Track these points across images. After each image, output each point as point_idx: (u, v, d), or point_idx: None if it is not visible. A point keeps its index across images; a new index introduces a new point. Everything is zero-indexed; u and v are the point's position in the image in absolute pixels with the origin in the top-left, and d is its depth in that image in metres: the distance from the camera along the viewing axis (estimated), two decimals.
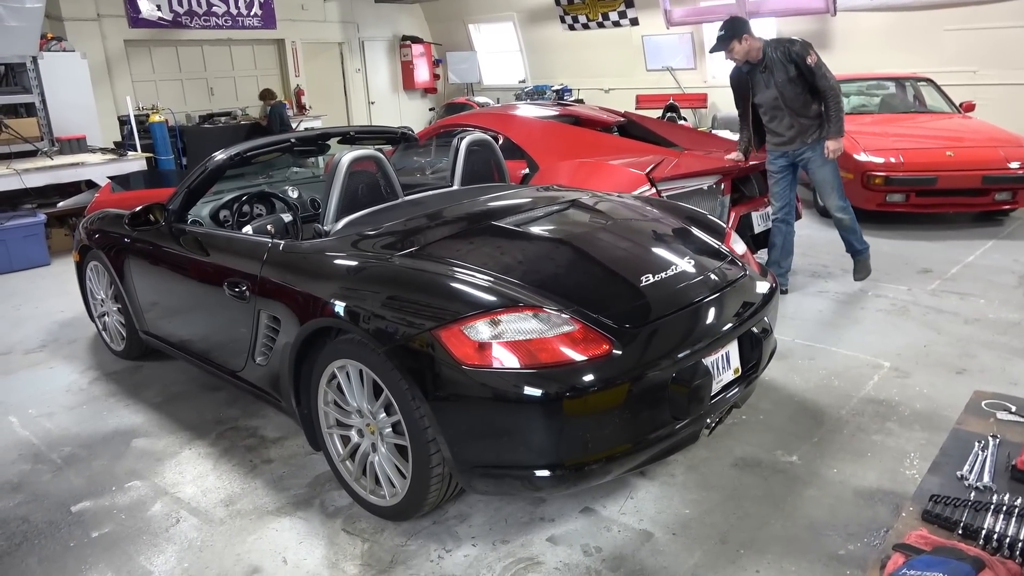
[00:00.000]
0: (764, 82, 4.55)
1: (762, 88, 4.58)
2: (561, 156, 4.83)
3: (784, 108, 4.53)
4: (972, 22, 8.53)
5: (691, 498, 2.65)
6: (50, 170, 6.94)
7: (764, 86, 4.56)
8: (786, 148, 4.65)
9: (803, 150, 4.62)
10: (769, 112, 4.63)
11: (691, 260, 2.70)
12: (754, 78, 4.59)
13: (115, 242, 3.83)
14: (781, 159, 4.70)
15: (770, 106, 4.59)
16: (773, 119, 4.64)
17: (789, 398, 3.38)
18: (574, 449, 2.19)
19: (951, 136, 6.61)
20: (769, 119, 4.66)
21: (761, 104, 4.64)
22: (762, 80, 4.56)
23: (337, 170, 2.95)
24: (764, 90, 4.57)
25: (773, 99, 4.55)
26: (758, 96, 4.61)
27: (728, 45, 4.48)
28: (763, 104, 4.63)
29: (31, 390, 3.87)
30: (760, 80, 4.57)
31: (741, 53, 4.51)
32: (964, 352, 3.82)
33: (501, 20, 13.56)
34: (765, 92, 4.57)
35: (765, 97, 4.59)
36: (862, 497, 2.62)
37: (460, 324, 2.21)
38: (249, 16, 11.57)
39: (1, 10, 6.48)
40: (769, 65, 4.50)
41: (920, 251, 5.71)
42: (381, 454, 2.50)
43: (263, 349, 2.91)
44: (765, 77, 4.53)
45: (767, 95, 4.57)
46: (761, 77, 4.55)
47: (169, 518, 2.68)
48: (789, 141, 4.62)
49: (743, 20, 4.62)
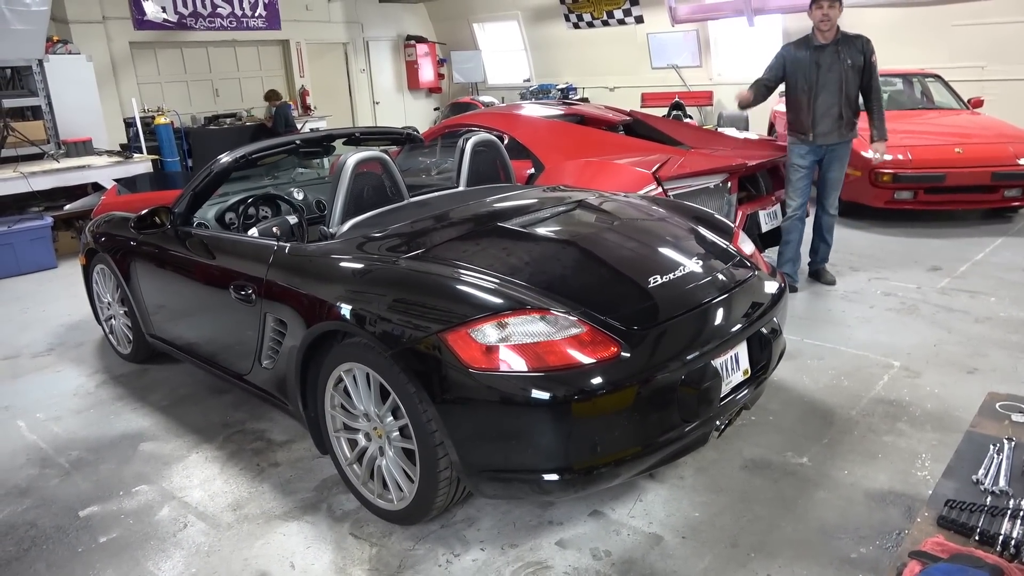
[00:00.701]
0: (829, 64, 4.44)
1: (825, 71, 4.45)
2: (567, 155, 4.81)
3: (841, 97, 4.47)
4: (980, 17, 8.47)
5: (700, 501, 2.63)
6: (56, 173, 6.95)
7: (828, 69, 4.44)
8: (825, 140, 4.57)
9: (838, 144, 4.61)
10: (823, 97, 4.49)
11: (699, 260, 2.68)
12: (818, 58, 4.46)
13: (121, 245, 3.82)
14: (811, 155, 4.64)
15: (829, 91, 4.47)
16: (824, 105, 4.51)
17: (798, 398, 3.35)
18: (583, 452, 2.18)
19: (960, 132, 6.57)
20: (820, 105, 4.52)
21: (820, 87, 4.48)
22: (828, 62, 4.44)
23: (343, 172, 2.94)
24: (826, 73, 4.44)
25: (836, 83, 4.45)
26: (820, 78, 4.46)
27: (834, 3, 4.35)
28: (823, 87, 4.48)
29: (39, 394, 3.88)
30: (826, 62, 4.45)
31: (837, 17, 4.39)
32: (975, 351, 3.78)
33: (505, 19, 13.55)
34: (828, 75, 4.45)
35: (827, 80, 4.46)
36: (874, 499, 2.59)
37: (467, 327, 2.19)
38: (254, 17, 11.58)
39: (7, 13, 6.50)
40: (842, 48, 4.42)
41: (929, 248, 5.66)
42: (388, 458, 2.49)
43: (269, 352, 2.90)
44: (833, 59, 4.43)
45: (829, 78, 4.45)
46: (829, 58, 4.44)
47: (176, 523, 2.67)
48: (830, 132, 4.54)
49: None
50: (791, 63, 4.58)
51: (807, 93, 4.54)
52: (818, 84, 4.49)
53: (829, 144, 4.61)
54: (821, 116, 4.53)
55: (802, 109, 4.60)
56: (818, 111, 4.53)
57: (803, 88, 4.55)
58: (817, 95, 4.51)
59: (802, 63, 4.53)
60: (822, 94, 4.50)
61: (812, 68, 4.49)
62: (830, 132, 4.56)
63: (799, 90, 4.58)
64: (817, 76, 4.48)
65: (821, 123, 4.55)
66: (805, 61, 4.51)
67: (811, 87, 4.51)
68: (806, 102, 4.55)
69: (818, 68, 4.47)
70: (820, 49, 4.47)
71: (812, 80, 4.50)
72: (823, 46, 4.46)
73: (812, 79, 4.50)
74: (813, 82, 4.50)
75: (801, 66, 4.53)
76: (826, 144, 4.61)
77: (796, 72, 4.57)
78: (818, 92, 4.50)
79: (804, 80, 4.53)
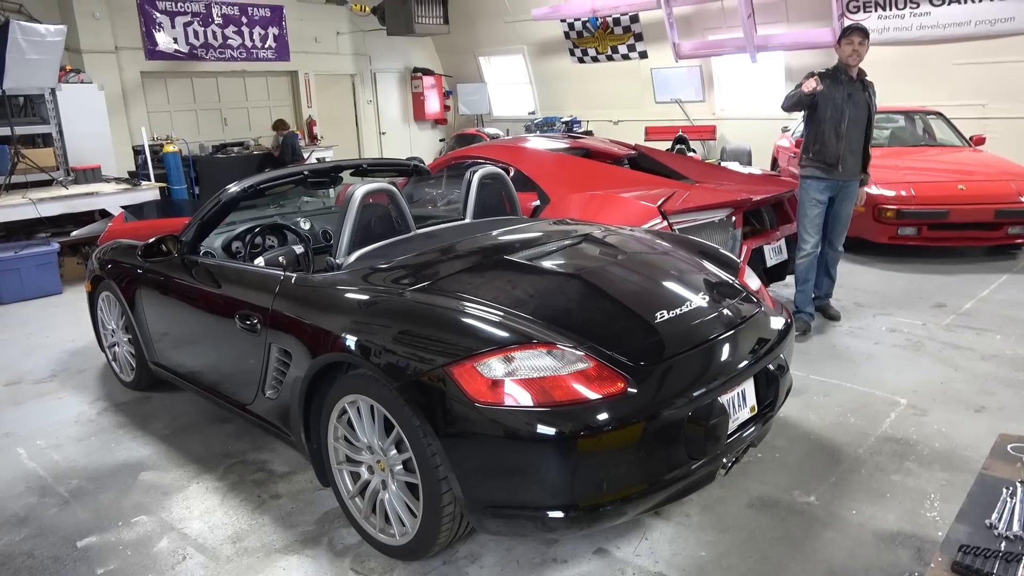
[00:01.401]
0: (856, 101, 4.46)
1: (852, 107, 4.45)
2: (572, 188, 4.84)
3: (862, 134, 4.52)
4: (981, 56, 8.58)
5: (707, 539, 2.59)
6: (65, 199, 7.01)
7: (856, 104, 4.46)
8: (842, 177, 4.56)
9: (851, 182, 4.62)
10: (849, 131, 4.47)
11: (706, 296, 2.67)
12: (850, 91, 4.44)
13: (127, 272, 3.84)
14: (828, 190, 4.60)
15: (853, 126, 4.47)
16: (848, 140, 4.48)
17: (805, 436, 3.32)
18: (588, 489, 2.15)
19: (962, 169, 6.61)
20: (848, 142, 4.49)
21: (851, 121, 4.46)
22: (854, 99, 4.45)
23: (351, 203, 2.96)
24: (854, 109, 4.45)
25: (862, 120, 4.49)
26: (850, 112, 4.45)
27: (865, 40, 4.38)
28: (853, 122, 4.47)
29: (40, 421, 3.86)
30: (854, 98, 4.45)
31: (863, 54, 4.41)
32: (982, 389, 3.76)
33: (511, 53, 13.74)
34: (855, 111, 4.46)
35: (855, 115, 4.47)
36: (882, 540, 2.55)
37: (473, 360, 2.18)
38: (264, 49, 11.76)
39: (23, 43, 6.61)
40: (866, 86, 4.50)
41: (933, 285, 5.66)
42: (391, 492, 2.46)
43: (273, 383, 2.89)
44: (860, 96, 4.48)
45: (857, 114, 4.47)
46: (855, 95, 4.46)
47: (175, 555, 2.64)
48: (847, 170, 4.53)
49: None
50: (823, 93, 4.43)
51: (837, 125, 4.47)
52: (849, 118, 4.46)
53: (846, 181, 4.60)
54: (845, 151, 4.49)
55: (831, 142, 4.50)
56: (845, 145, 4.49)
57: (833, 119, 4.47)
58: (850, 128, 4.48)
59: (834, 95, 4.45)
60: (850, 130, 4.47)
61: (845, 101, 4.45)
62: (849, 170, 4.55)
63: (829, 121, 4.49)
64: (847, 110, 4.44)
65: (850, 158, 4.53)
66: (838, 93, 4.45)
67: (841, 119, 4.46)
68: (835, 134, 4.48)
69: (850, 100, 4.45)
70: (851, 83, 4.46)
71: (842, 113, 4.45)
72: (853, 80, 4.47)
73: (843, 112, 4.45)
74: (843, 115, 4.45)
75: (833, 98, 4.45)
76: (844, 179, 4.59)
77: (827, 103, 4.47)
78: (850, 126, 4.47)
79: (835, 112, 4.45)
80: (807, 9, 9.73)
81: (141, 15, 10.27)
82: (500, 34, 13.49)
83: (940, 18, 8.65)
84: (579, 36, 12.43)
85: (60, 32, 7.02)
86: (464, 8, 12.88)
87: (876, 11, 9.10)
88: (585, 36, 12.36)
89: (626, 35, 11.88)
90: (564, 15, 12.05)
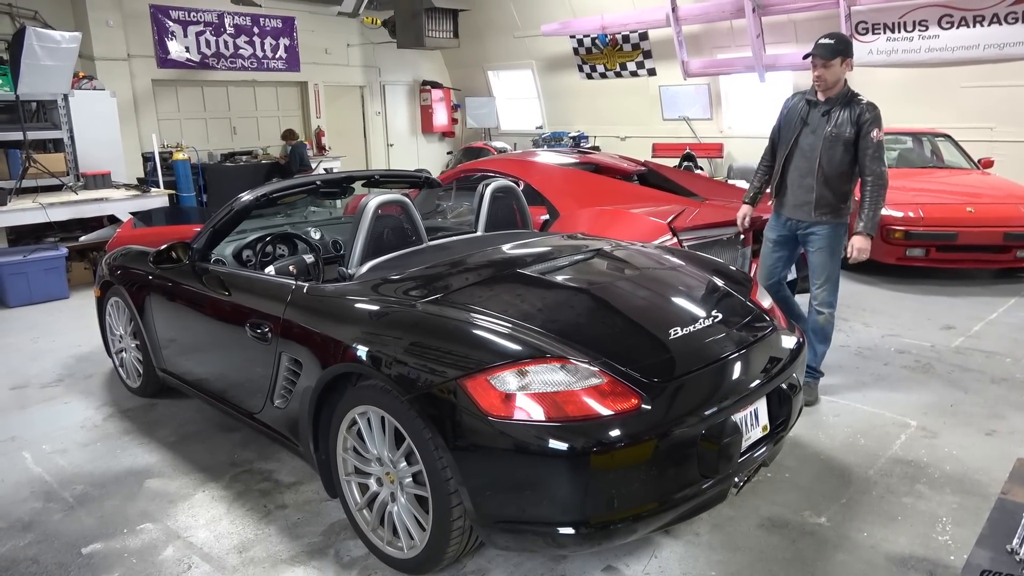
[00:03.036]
0: (814, 127, 3.72)
1: (808, 132, 3.74)
2: (581, 203, 4.85)
3: (816, 167, 3.70)
4: (990, 80, 8.60)
5: (717, 559, 2.57)
6: (74, 204, 7.03)
7: (811, 131, 3.73)
8: (793, 215, 3.83)
9: (809, 226, 3.80)
10: (797, 162, 3.78)
11: (719, 313, 2.67)
12: (809, 115, 3.75)
13: (137, 279, 3.84)
14: (781, 228, 3.92)
15: (803, 156, 3.75)
16: (796, 172, 3.79)
17: (815, 456, 3.30)
18: (600, 506, 2.13)
19: (971, 192, 6.61)
20: (792, 171, 3.80)
21: (796, 148, 3.78)
22: (813, 123, 3.73)
23: (364, 213, 2.96)
24: (809, 134, 3.73)
25: (811, 150, 3.72)
26: (801, 138, 3.76)
27: (833, 59, 3.61)
28: (799, 149, 3.77)
29: (46, 425, 3.85)
30: (812, 122, 3.73)
31: (833, 77, 3.65)
32: (993, 413, 3.73)
33: (520, 67, 13.81)
34: (808, 137, 3.74)
35: (806, 143, 3.75)
36: (894, 563, 2.53)
37: (486, 374, 2.18)
38: (274, 59, 11.84)
39: (38, 49, 6.66)
40: (832, 111, 3.68)
41: (942, 306, 5.64)
42: (400, 504, 2.45)
43: (282, 392, 2.88)
44: (818, 122, 3.71)
45: (808, 142, 3.74)
46: (815, 119, 3.73)
47: (180, 564, 2.62)
48: (798, 206, 3.79)
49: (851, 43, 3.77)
50: (790, 118, 3.86)
51: (784, 150, 3.84)
52: (796, 144, 3.77)
53: (799, 222, 3.83)
54: (792, 184, 3.80)
55: (777, 169, 3.91)
56: (790, 177, 3.81)
57: (784, 142, 3.86)
58: (793, 160, 3.79)
59: (792, 115, 3.84)
60: (798, 160, 3.77)
61: (797, 123, 3.77)
62: (798, 207, 3.79)
63: (781, 144, 3.91)
64: (799, 134, 3.76)
65: (790, 192, 3.82)
66: (795, 114, 3.82)
67: (788, 145, 3.80)
68: (782, 160, 3.84)
69: (804, 125, 3.75)
70: (814, 105, 3.75)
71: (792, 137, 3.78)
72: (817, 103, 3.74)
73: (791, 136, 3.78)
74: (791, 140, 3.78)
75: (791, 118, 3.84)
76: (795, 220, 3.84)
77: (787, 124, 3.87)
78: (796, 156, 3.78)
79: (788, 134, 3.83)
80: (816, 29, 9.76)
81: (154, 24, 10.35)
82: (509, 49, 13.57)
83: (949, 41, 8.68)
84: (588, 52, 12.49)
85: (75, 39, 7.08)
86: (474, 22, 12.96)
87: (885, 33, 9.13)
88: (594, 52, 12.43)
89: (635, 52, 11.95)
90: (573, 31, 12.12)
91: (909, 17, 8.88)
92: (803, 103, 3.80)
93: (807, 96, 3.81)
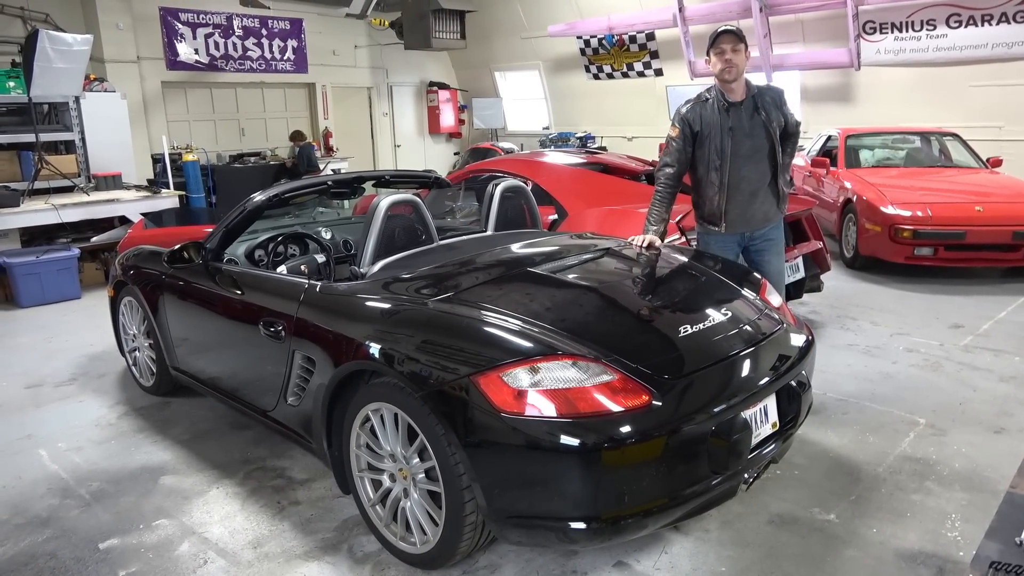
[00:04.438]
0: (749, 129, 3.37)
1: (742, 135, 3.37)
2: (589, 203, 4.87)
3: (769, 167, 3.45)
4: (998, 79, 8.59)
5: (727, 555, 2.59)
6: (86, 206, 7.11)
7: (746, 134, 3.37)
8: (747, 227, 3.52)
9: (767, 230, 3.57)
10: (744, 173, 3.42)
11: (729, 311, 2.69)
12: (732, 120, 3.37)
13: (151, 278, 3.88)
14: (735, 245, 3.57)
15: (748, 163, 3.41)
16: (745, 184, 3.43)
17: (824, 454, 3.31)
18: (611, 502, 2.16)
19: (979, 191, 6.60)
20: (740, 184, 3.43)
21: (735, 160, 3.39)
22: (746, 125, 3.37)
23: (376, 213, 2.99)
24: (744, 139, 3.37)
25: (756, 152, 3.40)
26: (735, 147, 3.38)
27: (739, 45, 3.32)
28: (738, 159, 3.39)
29: (61, 424, 3.89)
30: (742, 125, 3.37)
31: (744, 63, 3.35)
32: (1002, 411, 3.74)
33: (527, 68, 13.85)
34: (746, 142, 3.38)
35: (748, 149, 3.39)
36: (904, 559, 2.54)
37: (499, 371, 2.20)
38: (282, 60, 11.91)
39: (50, 52, 6.73)
40: (762, 106, 3.38)
41: (951, 305, 5.64)
42: (413, 500, 2.48)
43: (296, 390, 2.91)
44: (752, 122, 3.37)
45: (747, 146, 3.39)
46: (745, 121, 3.37)
47: (197, 559, 2.66)
48: (754, 218, 3.50)
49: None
50: (701, 132, 3.44)
51: (717, 171, 3.43)
52: (734, 156, 3.39)
53: (755, 231, 3.55)
54: (743, 197, 3.46)
55: (708, 194, 3.50)
56: (737, 191, 3.45)
57: (712, 164, 3.43)
58: (740, 168, 3.42)
59: (710, 132, 3.41)
60: (747, 166, 3.42)
61: (725, 135, 3.38)
62: (755, 218, 3.51)
63: (707, 167, 3.46)
64: (728, 146, 3.38)
65: (742, 207, 3.48)
66: (715, 127, 3.40)
67: (723, 163, 3.40)
68: (716, 184, 3.45)
69: (734, 133, 3.38)
70: (734, 108, 3.39)
71: (723, 153, 3.40)
72: (734, 104, 3.39)
73: (723, 151, 3.39)
74: (724, 156, 3.39)
75: (709, 135, 3.42)
76: (750, 231, 3.55)
77: (704, 143, 3.44)
78: (739, 166, 3.41)
79: (714, 153, 3.41)
80: (823, 29, 9.78)
81: (163, 26, 10.43)
82: (516, 50, 13.61)
83: (957, 40, 8.68)
84: (595, 53, 12.52)
85: (86, 41, 7.15)
86: (481, 24, 13.01)
87: (892, 32, 9.13)
88: (601, 53, 12.45)
89: (642, 52, 11.97)
90: (580, 32, 12.15)
91: (917, 16, 8.88)
92: (716, 112, 3.40)
93: (714, 103, 3.41)
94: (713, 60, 3.38)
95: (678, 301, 2.82)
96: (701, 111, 3.43)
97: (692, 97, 3.54)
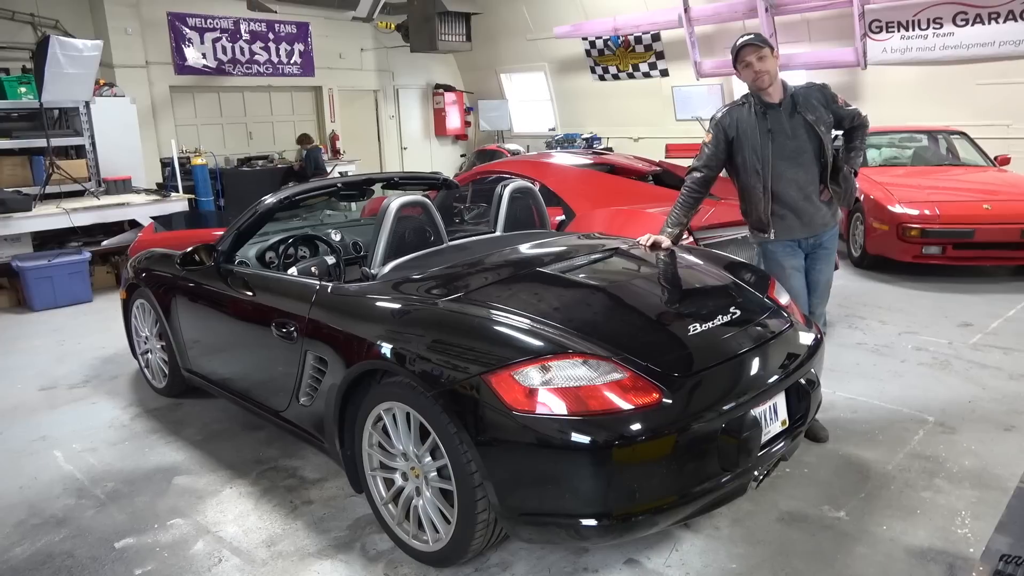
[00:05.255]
0: (790, 130, 3.27)
1: (783, 137, 3.27)
2: (597, 204, 4.89)
3: (813, 168, 3.33)
4: (1006, 77, 8.56)
5: (737, 552, 2.60)
6: (97, 209, 7.17)
7: (788, 136, 3.27)
8: (806, 233, 3.40)
9: (824, 235, 3.45)
10: (791, 177, 3.31)
11: (737, 310, 2.70)
12: (766, 127, 3.29)
13: (163, 281, 3.92)
14: (798, 250, 3.44)
15: (794, 166, 3.30)
16: (794, 188, 3.31)
17: (833, 451, 3.32)
18: (621, 499, 2.18)
19: (987, 189, 6.59)
20: (787, 189, 3.31)
21: (779, 164, 3.29)
22: (786, 127, 3.28)
23: (386, 214, 3.02)
24: (786, 141, 3.27)
25: (802, 155, 3.30)
26: (777, 150, 3.28)
27: (762, 52, 3.24)
28: (783, 163, 3.29)
29: (75, 425, 3.93)
30: (783, 126, 3.28)
31: (774, 68, 3.28)
32: (1011, 409, 3.74)
33: (532, 70, 13.87)
34: (788, 144, 3.27)
35: (787, 151, 3.28)
36: (914, 556, 2.55)
37: (510, 369, 2.22)
38: (289, 64, 11.97)
39: (61, 58, 6.79)
40: (802, 105, 3.28)
41: (959, 304, 5.63)
42: (425, 498, 2.50)
43: (308, 390, 2.94)
44: (792, 123, 3.28)
45: (790, 148, 3.28)
46: (785, 122, 3.28)
47: (211, 557, 2.68)
48: (812, 222, 3.38)
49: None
50: (737, 138, 3.35)
51: (760, 175, 3.32)
52: (776, 159, 3.29)
53: (814, 236, 3.44)
54: (793, 202, 3.35)
55: (755, 200, 3.40)
56: (785, 197, 3.33)
57: (753, 169, 3.33)
58: (784, 171, 3.31)
59: (748, 137, 3.32)
60: (791, 169, 3.31)
61: (764, 138, 3.28)
62: (812, 223, 3.39)
63: (749, 173, 3.36)
64: (770, 149, 3.28)
65: (793, 212, 3.37)
66: (752, 132, 3.30)
67: (764, 167, 3.30)
68: (759, 190, 3.35)
69: (773, 135, 3.28)
70: (774, 110, 3.29)
71: (764, 157, 3.29)
72: (772, 106, 3.30)
73: (764, 156, 3.29)
74: (766, 160, 3.29)
75: (748, 141, 3.32)
76: (809, 236, 3.43)
77: (741, 149, 3.35)
78: (783, 169, 3.30)
79: (755, 158, 3.31)
80: (829, 29, 9.76)
81: (171, 31, 10.50)
82: (522, 51, 13.63)
83: (964, 38, 8.65)
84: (600, 54, 12.53)
85: (97, 47, 7.22)
86: (487, 26, 13.04)
87: (899, 31, 9.11)
88: (606, 54, 12.46)
89: (647, 53, 11.97)
90: (586, 33, 12.17)
91: (923, 15, 8.86)
92: (751, 116, 3.32)
93: (750, 107, 3.33)
94: (743, 73, 3.33)
95: (687, 300, 2.83)
96: (737, 116, 3.36)
97: (728, 103, 3.52)
